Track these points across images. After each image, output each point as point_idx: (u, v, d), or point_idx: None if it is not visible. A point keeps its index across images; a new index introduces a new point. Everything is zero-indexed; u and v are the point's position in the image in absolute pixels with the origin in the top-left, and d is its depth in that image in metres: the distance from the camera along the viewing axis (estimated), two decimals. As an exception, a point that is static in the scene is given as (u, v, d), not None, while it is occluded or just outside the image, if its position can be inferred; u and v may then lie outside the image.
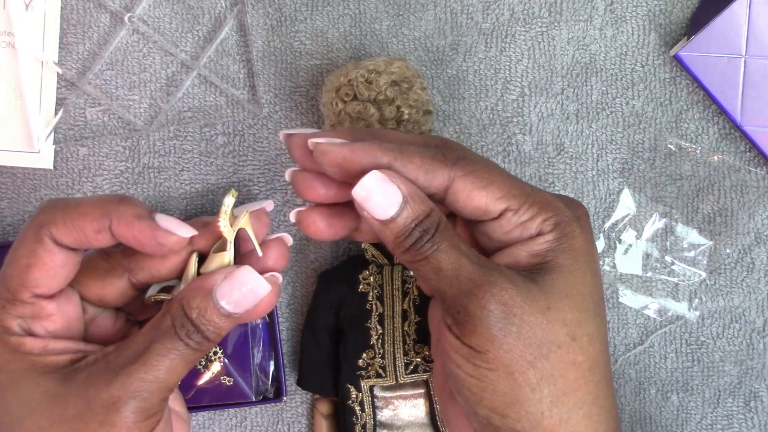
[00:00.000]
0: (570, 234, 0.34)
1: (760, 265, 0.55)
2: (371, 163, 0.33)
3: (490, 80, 0.55)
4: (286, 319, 0.55)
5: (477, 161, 0.34)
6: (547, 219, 0.34)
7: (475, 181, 0.34)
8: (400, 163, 0.33)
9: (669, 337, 0.55)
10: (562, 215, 0.34)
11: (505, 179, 0.34)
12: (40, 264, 0.33)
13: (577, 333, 0.33)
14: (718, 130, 0.55)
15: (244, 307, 0.34)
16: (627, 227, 0.55)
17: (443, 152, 0.34)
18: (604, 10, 0.55)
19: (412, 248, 0.33)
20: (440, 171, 0.33)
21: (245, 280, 0.34)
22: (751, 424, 0.55)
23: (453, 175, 0.34)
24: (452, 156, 0.34)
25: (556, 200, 0.35)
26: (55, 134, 0.55)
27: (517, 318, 0.33)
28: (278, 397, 0.53)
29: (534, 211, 0.34)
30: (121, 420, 0.32)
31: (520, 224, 0.34)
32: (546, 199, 0.35)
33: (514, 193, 0.34)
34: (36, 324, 0.34)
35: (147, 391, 0.32)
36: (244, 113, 0.55)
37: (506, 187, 0.34)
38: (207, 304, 0.33)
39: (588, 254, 0.35)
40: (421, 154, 0.34)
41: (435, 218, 0.34)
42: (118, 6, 0.55)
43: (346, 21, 0.55)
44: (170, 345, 0.33)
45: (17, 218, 0.55)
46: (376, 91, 0.48)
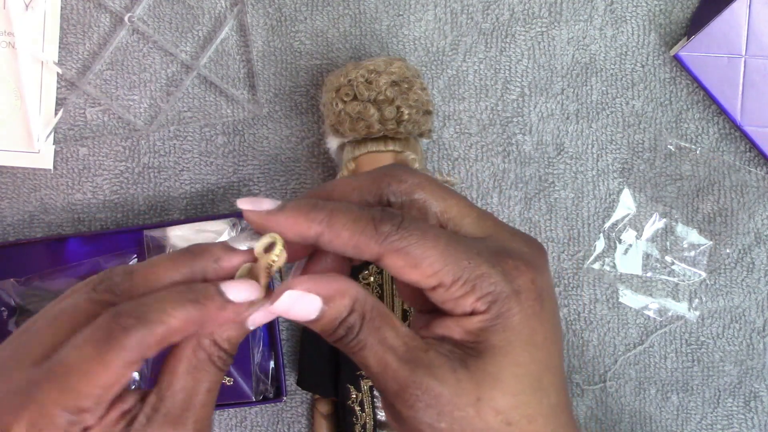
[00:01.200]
0: (505, 313, 0.33)
1: (760, 265, 0.55)
2: (298, 234, 0.33)
3: (490, 80, 0.55)
4: (285, 319, 0.55)
5: (412, 231, 0.33)
6: (481, 297, 0.33)
7: (405, 259, 0.33)
8: (327, 237, 0.33)
9: (669, 337, 0.55)
10: (498, 293, 0.33)
11: (440, 253, 0.33)
12: (122, 382, 0.33)
13: (513, 417, 0.33)
14: (718, 130, 0.55)
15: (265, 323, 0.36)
16: (627, 227, 0.55)
17: (377, 221, 0.33)
18: (604, 10, 0.55)
19: (340, 343, 0.34)
20: (368, 247, 0.33)
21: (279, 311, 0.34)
22: (751, 424, 0.55)
23: (382, 251, 0.33)
24: (386, 227, 0.33)
25: (494, 274, 0.33)
26: (55, 134, 0.55)
27: (446, 416, 0.33)
28: (278, 397, 0.53)
29: (467, 289, 0.33)
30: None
31: (453, 300, 0.33)
32: (483, 273, 0.33)
33: (447, 269, 0.33)
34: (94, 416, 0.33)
35: (208, 422, 0.34)
36: (244, 113, 0.55)
37: (439, 264, 0.33)
38: (240, 333, 0.35)
39: (525, 331, 0.33)
40: (350, 227, 0.33)
41: (359, 312, 0.34)
42: (118, 6, 0.55)
43: (346, 21, 0.55)
44: (213, 378, 0.34)
45: (17, 218, 0.55)
46: (376, 92, 0.48)
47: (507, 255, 0.34)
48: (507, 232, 0.35)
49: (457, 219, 0.35)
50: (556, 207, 0.55)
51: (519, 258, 0.34)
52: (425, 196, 0.34)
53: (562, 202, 0.55)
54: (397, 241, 0.33)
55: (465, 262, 0.33)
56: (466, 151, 0.55)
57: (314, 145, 0.55)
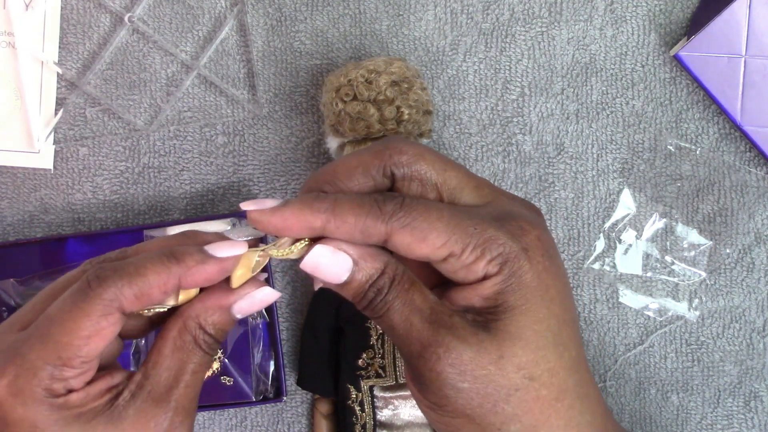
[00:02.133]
0: (517, 271, 0.34)
1: (760, 265, 0.55)
2: (304, 227, 0.34)
3: (490, 80, 0.55)
4: (286, 319, 0.55)
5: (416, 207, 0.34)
6: (491, 260, 0.33)
7: (413, 234, 0.33)
8: (333, 225, 0.33)
9: (669, 337, 0.55)
10: (508, 252, 0.34)
11: (446, 224, 0.33)
12: (102, 335, 0.34)
13: (535, 372, 0.34)
14: (718, 130, 0.55)
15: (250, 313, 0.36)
16: (627, 227, 0.55)
17: (380, 203, 0.34)
18: (604, 10, 0.55)
19: (368, 307, 0.35)
20: (376, 228, 0.33)
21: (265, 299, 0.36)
22: (751, 424, 0.55)
23: (389, 230, 0.33)
24: (390, 206, 0.33)
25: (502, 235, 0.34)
26: (55, 134, 0.55)
27: (468, 375, 0.33)
28: (278, 397, 0.53)
29: (477, 254, 0.33)
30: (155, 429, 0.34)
31: (465, 267, 0.34)
32: (491, 237, 0.34)
33: (455, 238, 0.33)
34: (78, 380, 0.34)
35: (190, 406, 0.35)
36: (244, 113, 0.55)
37: (446, 234, 0.33)
38: (225, 319, 0.35)
39: (539, 287, 0.34)
40: (355, 211, 0.33)
41: (389, 275, 0.34)
42: (118, 6, 0.55)
43: (346, 21, 0.55)
44: (199, 360, 0.35)
45: (17, 218, 0.55)
46: (376, 91, 0.48)
47: (510, 217, 0.34)
48: (505, 197, 0.36)
49: (457, 190, 0.35)
50: (556, 207, 0.55)
51: (522, 218, 0.35)
52: (426, 167, 0.35)
53: (562, 202, 0.55)
54: (402, 217, 0.33)
55: (471, 228, 0.34)
56: (466, 151, 0.55)
57: (314, 145, 0.55)
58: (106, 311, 0.33)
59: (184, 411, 0.35)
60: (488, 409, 0.34)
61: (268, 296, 0.36)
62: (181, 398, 0.35)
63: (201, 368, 0.36)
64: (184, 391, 0.35)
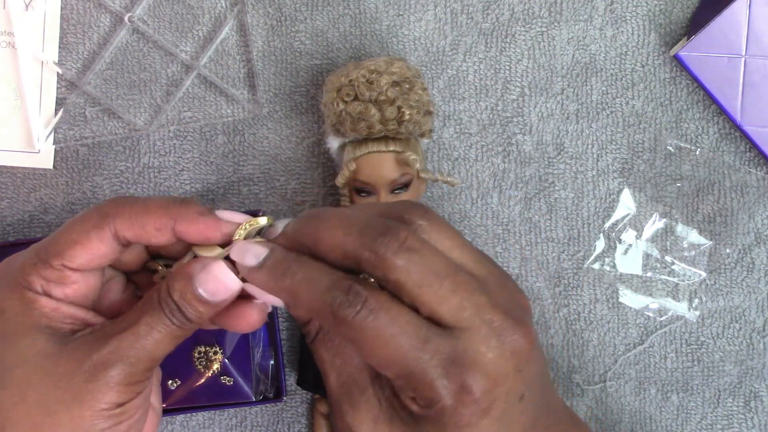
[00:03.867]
0: (437, 419, 0.33)
1: (760, 265, 0.55)
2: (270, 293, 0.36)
3: (490, 80, 0.55)
4: (286, 319, 0.55)
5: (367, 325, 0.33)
6: (420, 398, 0.33)
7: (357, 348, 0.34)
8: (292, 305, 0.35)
9: (669, 337, 0.55)
10: (436, 402, 0.33)
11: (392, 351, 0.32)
12: (87, 246, 0.36)
13: None
14: (718, 130, 0.55)
15: (218, 298, 0.36)
16: (627, 227, 0.55)
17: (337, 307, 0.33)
18: (604, 10, 0.55)
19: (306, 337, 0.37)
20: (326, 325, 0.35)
21: (217, 274, 0.36)
22: (751, 424, 0.55)
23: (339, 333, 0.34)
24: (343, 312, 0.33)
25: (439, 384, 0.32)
26: (55, 134, 0.55)
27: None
28: (278, 397, 0.53)
29: (409, 389, 0.33)
30: (106, 379, 0.34)
31: (397, 386, 0.34)
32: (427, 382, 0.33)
33: (395, 366, 0.33)
34: (57, 288, 0.36)
35: (134, 357, 0.35)
36: (244, 113, 0.55)
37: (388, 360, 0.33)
38: (188, 288, 0.35)
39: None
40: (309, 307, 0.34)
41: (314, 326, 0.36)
42: (118, 6, 0.55)
43: (346, 21, 0.55)
44: (157, 318, 0.35)
45: (17, 218, 0.55)
46: (377, 92, 0.48)
47: (461, 368, 0.33)
48: (484, 328, 0.33)
49: (433, 306, 0.33)
50: (556, 207, 0.55)
51: (473, 372, 0.33)
52: (401, 280, 0.33)
53: (562, 202, 0.55)
54: (351, 330, 0.33)
55: (415, 365, 0.32)
56: (466, 151, 0.55)
57: (314, 145, 0.55)
58: (99, 224, 0.36)
59: (121, 355, 0.34)
60: None
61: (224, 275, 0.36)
62: (122, 340, 0.35)
63: (159, 326, 0.35)
64: (128, 336, 0.35)
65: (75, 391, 0.34)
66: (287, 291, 0.34)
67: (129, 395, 0.35)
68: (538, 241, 0.55)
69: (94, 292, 0.38)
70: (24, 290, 0.36)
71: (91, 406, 0.34)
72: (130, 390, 0.35)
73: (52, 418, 0.34)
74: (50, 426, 0.34)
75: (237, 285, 0.36)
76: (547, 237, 0.55)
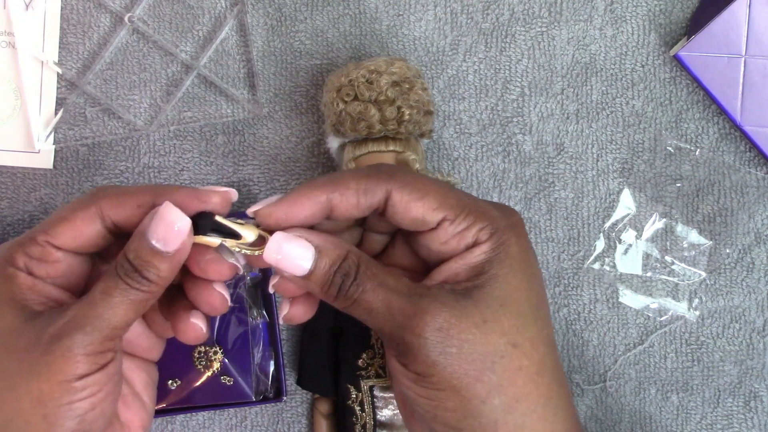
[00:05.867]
0: (506, 242, 0.35)
1: (760, 265, 0.55)
2: (312, 205, 0.35)
3: (490, 80, 0.55)
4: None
5: (412, 174, 0.36)
6: (483, 228, 0.35)
7: (411, 192, 0.35)
8: (338, 192, 0.35)
9: (669, 337, 0.55)
10: (498, 224, 0.35)
11: (441, 190, 0.35)
12: (72, 223, 0.36)
13: (518, 339, 0.34)
14: (718, 130, 0.55)
15: (172, 245, 0.35)
16: (627, 227, 0.55)
17: (378, 169, 0.36)
18: (604, 10, 0.55)
19: (339, 295, 0.35)
20: (377, 187, 0.35)
21: (165, 214, 0.35)
22: (751, 424, 0.55)
23: (390, 187, 0.35)
24: (387, 171, 0.35)
25: (492, 209, 0.36)
26: (55, 134, 0.55)
27: (454, 339, 0.34)
28: (278, 397, 0.53)
29: (470, 221, 0.35)
30: (61, 350, 0.34)
31: (457, 234, 0.35)
32: (482, 208, 0.35)
33: (450, 203, 0.35)
34: (38, 266, 0.37)
35: (91, 325, 0.34)
36: (244, 113, 0.55)
37: (442, 198, 0.35)
38: (141, 244, 0.35)
39: (524, 261, 0.35)
40: (355, 177, 0.35)
41: (353, 260, 0.35)
42: (118, 6, 0.55)
43: (346, 21, 0.55)
44: (112, 284, 0.35)
45: (17, 218, 0.55)
46: (377, 92, 0.48)
47: (496, 204, 0.37)
48: (488, 202, 0.38)
49: None
50: (556, 207, 0.55)
51: (507, 207, 0.37)
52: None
53: (562, 202, 0.55)
54: (401, 177, 0.35)
55: (465, 198, 0.35)
56: (466, 151, 0.55)
57: (314, 145, 0.55)
58: (86, 203, 0.36)
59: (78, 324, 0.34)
60: (474, 378, 0.34)
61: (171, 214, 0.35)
62: (78, 309, 0.34)
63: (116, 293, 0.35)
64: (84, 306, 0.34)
65: (33, 363, 0.34)
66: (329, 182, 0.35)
67: (89, 367, 0.34)
68: (538, 241, 0.55)
69: (77, 277, 0.38)
70: (5, 265, 0.36)
71: (49, 378, 0.34)
72: (90, 361, 0.34)
73: (12, 392, 0.34)
74: (11, 400, 0.34)
75: (186, 224, 0.35)
76: (547, 237, 0.55)
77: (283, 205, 0.35)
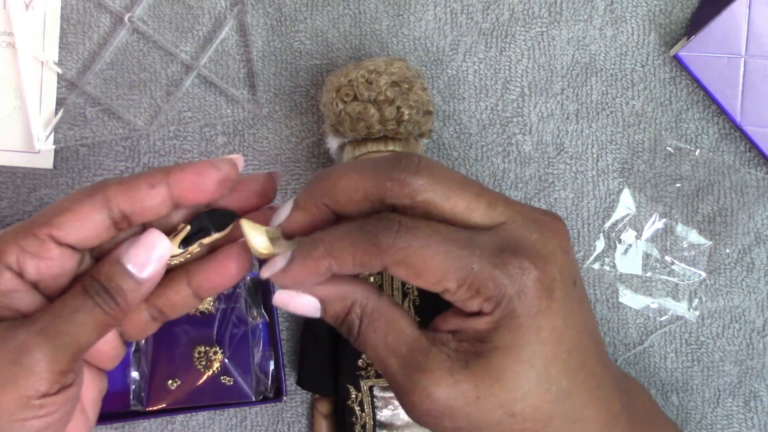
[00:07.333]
0: (509, 315, 0.33)
1: (760, 265, 0.55)
2: (316, 276, 0.34)
3: (490, 80, 0.55)
4: (286, 319, 0.55)
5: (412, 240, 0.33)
6: (486, 299, 0.33)
7: (407, 270, 0.33)
8: (336, 266, 0.34)
9: (669, 337, 0.55)
10: (501, 295, 0.33)
11: (442, 260, 0.33)
12: (79, 213, 0.35)
13: (516, 409, 0.33)
14: (718, 130, 0.55)
15: (149, 270, 0.35)
16: (627, 227, 0.55)
17: (374, 236, 0.33)
18: (604, 10, 0.55)
19: (348, 338, 0.36)
20: (373, 263, 0.33)
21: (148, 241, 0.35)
22: (751, 424, 0.55)
23: (385, 263, 0.33)
24: (384, 239, 0.33)
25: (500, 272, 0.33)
26: (55, 134, 0.55)
27: (446, 416, 0.34)
28: (278, 397, 0.53)
29: (472, 293, 0.33)
30: (30, 362, 0.33)
31: (460, 302, 0.34)
32: (487, 276, 0.33)
33: (450, 276, 0.33)
34: (30, 261, 0.35)
35: (60, 340, 0.33)
36: (244, 113, 0.55)
37: (442, 271, 0.33)
38: (114, 269, 0.35)
39: (531, 329, 0.33)
40: (350, 251, 0.33)
41: (357, 313, 0.35)
42: (118, 6, 0.55)
43: (346, 21, 0.55)
44: (81, 301, 0.34)
45: (17, 218, 0.55)
46: (377, 92, 0.48)
47: (513, 252, 0.33)
48: (519, 216, 0.35)
49: (465, 214, 0.34)
50: (556, 207, 0.55)
51: (525, 254, 0.33)
52: (429, 197, 0.34)
53: (562, 202, 0.55)
54: (396, 253, 0.33)
55: (469, 266, 0.33)
56: (466, 151, 0.55)
57: (314, 145, 0.55)
58: (92, 192, 0.35)
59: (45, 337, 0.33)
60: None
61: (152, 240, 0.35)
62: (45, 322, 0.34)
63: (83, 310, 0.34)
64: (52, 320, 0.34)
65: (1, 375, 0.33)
66: (326, 255, 0.33)
67: (52, 385, 0.33)
68: (538, 241, 0.55)
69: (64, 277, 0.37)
70: None
71: (13, 390, 0.33)
72: (54, 380, 0.33)
73: None
74: None
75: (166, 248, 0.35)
76: (547, 237, 0.55)
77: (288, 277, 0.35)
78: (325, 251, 0.34)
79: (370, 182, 0.34)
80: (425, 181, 0.33)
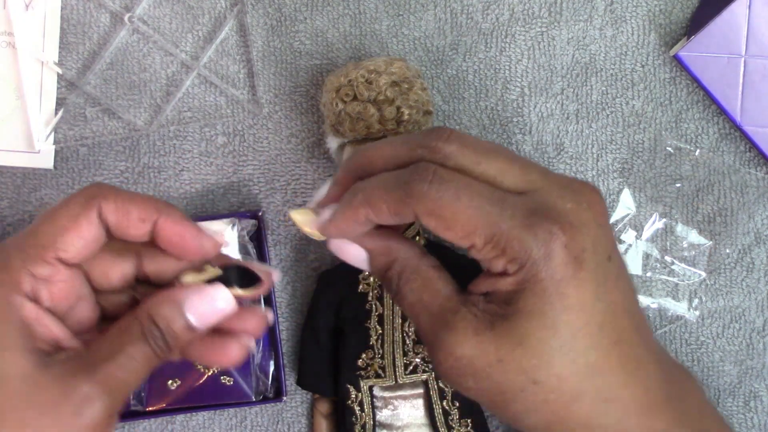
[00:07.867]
0: (532, 278, 0.33)
1: (760, 265, 0.55)
2: (356, 225, 0.36)
3: (490, 80, 0.55)
4: (286, 319, 0.55)
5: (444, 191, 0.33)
6: (510, 260, 0.33)
7: (437, 221, 0.33)
8: (373, 215, 0.35)
9: (669, 337, 0.55)
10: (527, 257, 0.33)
11: (472, 214, 0.33)
12: (78, 231, 0.35)
13: (539, 376, 0.33)
14: (718, 130, 0.55)
15: (207, 322, 0.36)
16: (627, 227, 0.55)
17: (409, 185, 0.33)
18: (604, 10, 0.55)
19: (388, 289, 0.37)
20: (405, 211, 0.34)
21: (216, 295, 0.36)
22: (751, 424, 0.55)
23: (417, 212, 0.34)
24: (417, 187, 0.33)
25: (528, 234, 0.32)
26: (55, 134, 0.55)
27: (469, 376, 0.34)
28: (278, 397, 0.53)
29: (497, 252, 0.33)
30: (93, 413, 0.33)
31: (486, 260, 0.34)
32: (514, 236, 0.33)
33: (479, 231, 0.33)
34: (44, 289, 0.35)
35: (116, 390, 0.34)
36: (244, 113, 0.55)
37: (471, 225, 0.33)
38: (174, 315, 0.35)
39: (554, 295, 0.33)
40: (385, 198, 0.34)
41: (396, 270, 0.36)
42: (118, 6, 0.55)
43: (346, 21, 0.55)
44: (141, 348, 0.35)
45: (17, 218, 0.55)
46: (376, 92, 0.48)
47: (544, 216, 0.33)
48: (555, 184, 0.34)
49: (498, 179, 0.34)
50: (556, 207, 0.55)
51: (556, 220, 0.33)
52: (459, 161, 0.34)
53: (562, 202, 0.55)
54: (428, 202, 0.33)
55: (497, 224, 0.33)
56: (466, 151, 0.55)
57: (314, 145, 0.55)
58: (86, 206, 0.35)
59: (106, 388, 0.34)
60: (499, 405, 0.34)
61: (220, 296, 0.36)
62: (109, 373, 0.34)
63: (141, 357, 0.34)
64: (114, 370, 0.34)
65: (63, 424, 0.33)
66: (364, 204, 0.34)
67: (108, 427, 0.34)
68: (538, 241, 0.55)
69: (74, 299, 0.37)
70: (11, 293, 0.34)
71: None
72: (108, 425, 0.34)
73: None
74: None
75: (231, 307, 0.36)
76: (547, 237, 0.55)
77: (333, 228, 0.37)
78: (363, 200, 0.35)
79: (404, 151, 0.35)
80: (455, 147, 0.34)
